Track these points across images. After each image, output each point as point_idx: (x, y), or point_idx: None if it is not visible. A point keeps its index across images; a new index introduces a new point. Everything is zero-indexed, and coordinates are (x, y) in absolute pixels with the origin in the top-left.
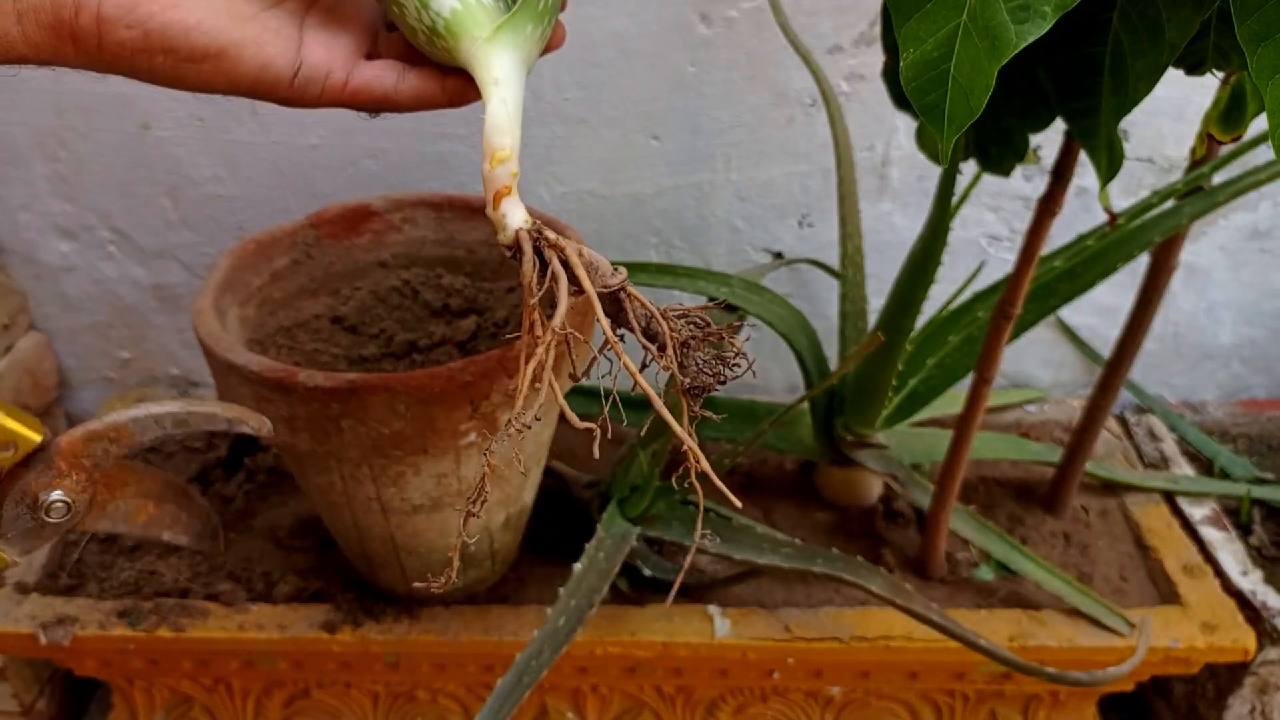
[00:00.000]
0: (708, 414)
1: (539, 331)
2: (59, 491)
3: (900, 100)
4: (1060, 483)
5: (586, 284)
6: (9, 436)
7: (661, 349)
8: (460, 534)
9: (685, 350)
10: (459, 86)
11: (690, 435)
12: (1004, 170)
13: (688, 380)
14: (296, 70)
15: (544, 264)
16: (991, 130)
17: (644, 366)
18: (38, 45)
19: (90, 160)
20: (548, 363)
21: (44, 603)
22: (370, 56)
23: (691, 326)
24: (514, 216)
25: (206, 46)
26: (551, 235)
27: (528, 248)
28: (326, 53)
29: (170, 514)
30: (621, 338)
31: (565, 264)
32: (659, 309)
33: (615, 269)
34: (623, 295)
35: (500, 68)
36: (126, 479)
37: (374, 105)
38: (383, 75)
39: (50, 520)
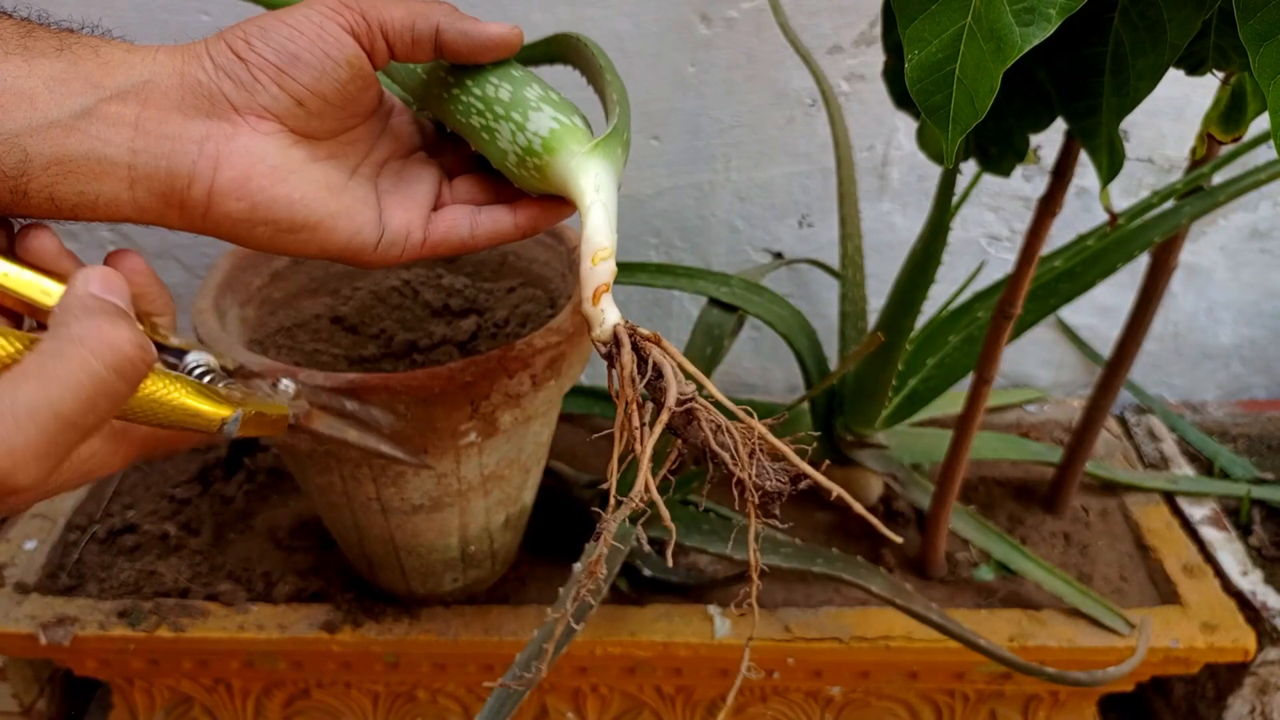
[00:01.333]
0: (774, 522)
1: (635, 422)
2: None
3: (901, 100)
4: (1060, 483)
5: (672, 390)
6: (198, 422)
7: (734, 458)
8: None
9: (753, 459)
10: (530, 217)
11: (756, 550)
12: (1004, 170)
13: (760, 489)
14: (380, 236)
15: (641, 358)
16: (992, 130)
17: (709, 478)
18: (144, 209)
19: None
20: (644, 457)
21: (44, 603)
22: (438, 204)
23: (749, 432)
24: (612, 313)
25: (306, 219)
26: (646, 331)
27: (627, 342)
28: (405, 215)
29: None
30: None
31: (659, 369)
32: (724, 420)
33: (684, 379)
34: (695, 406)
35: (600, 176)
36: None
37: (451, 253)
38: (457, 224)
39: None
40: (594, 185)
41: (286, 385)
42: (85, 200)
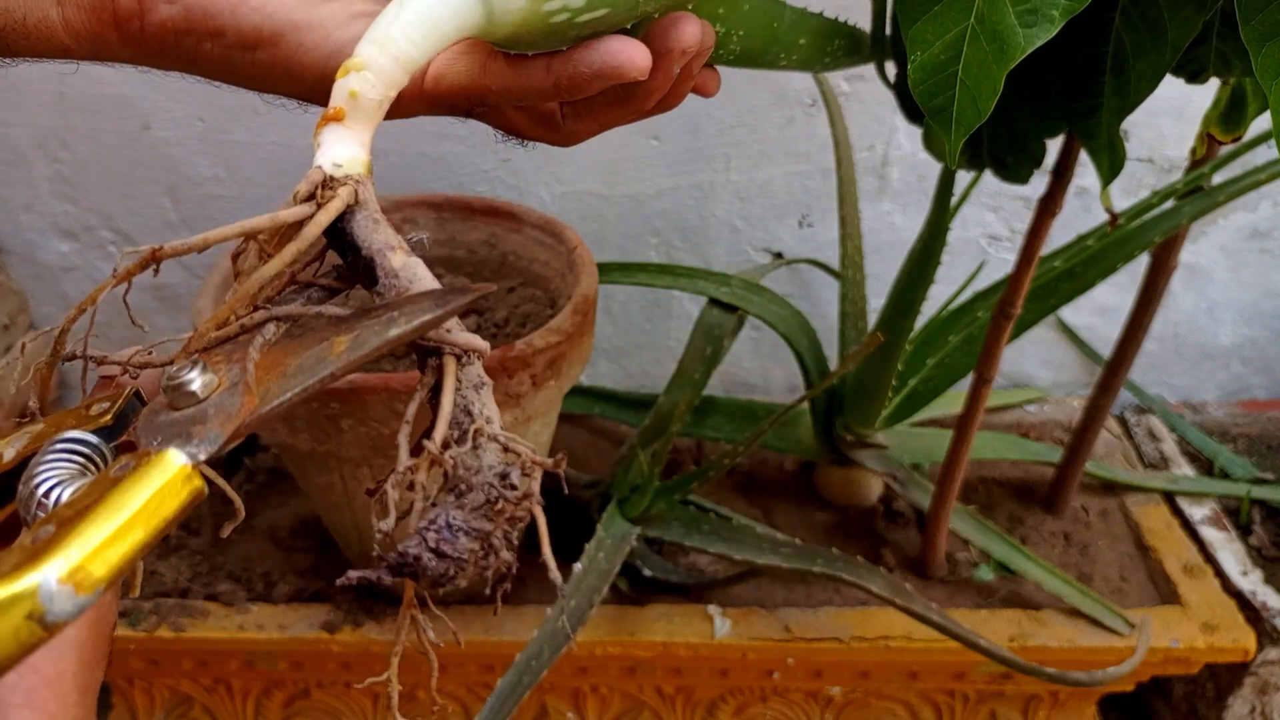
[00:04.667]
0: (438, 613)
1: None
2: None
3: (905, 101)
4: (1060, 483)
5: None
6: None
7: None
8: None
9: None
10: (575, 77)
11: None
12: (1022, 178)
13: (433, 536)
14: None
15: (343, 246)
16: (1006, 138)
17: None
18: (79, 32)
19: (91, 160)
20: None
21: None
22: None
23: (506, 480)
24: (332, 150)
25: (259, 28)
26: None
27: (323, 216)
28: None
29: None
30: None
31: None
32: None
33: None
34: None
35: None
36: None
37: (458, 91)
38: (468, 52)
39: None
40: None
41: (191, 377)
42: (13, 20)
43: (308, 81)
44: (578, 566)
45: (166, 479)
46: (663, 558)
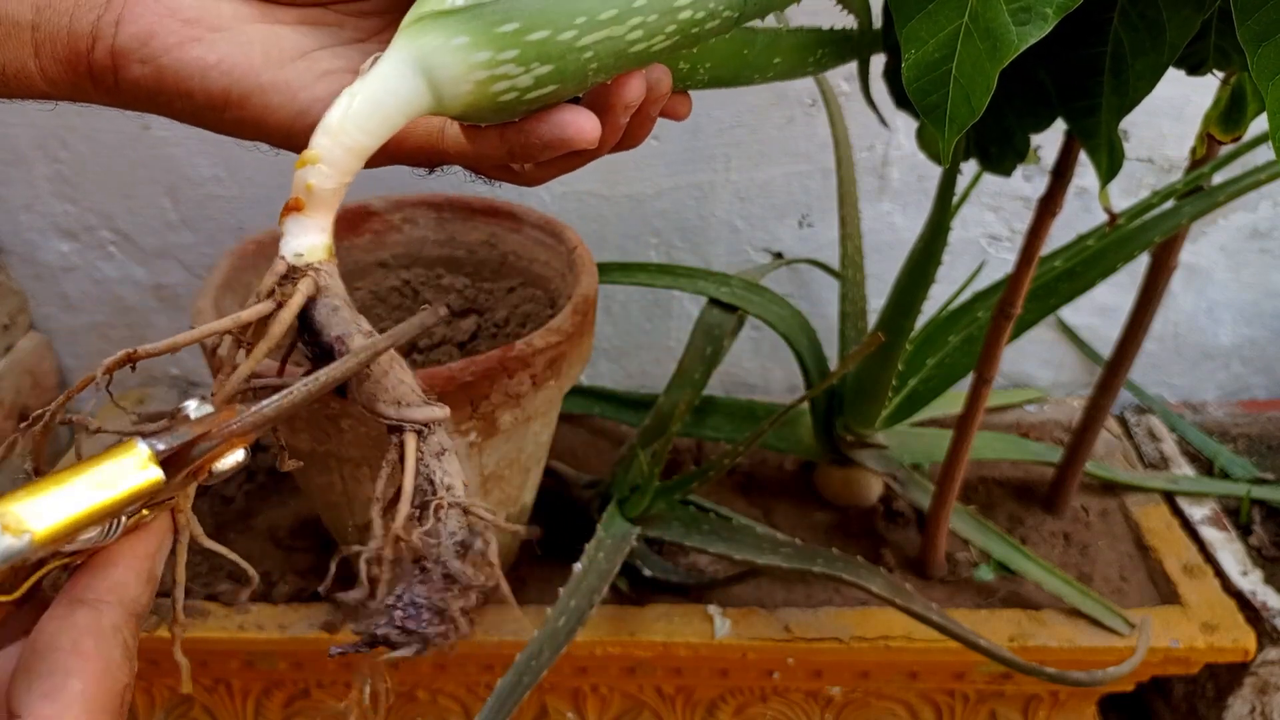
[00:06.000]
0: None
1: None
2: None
3: (901, 100)
4: (1060, 483)
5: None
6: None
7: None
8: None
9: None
10: (528, 146)
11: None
12: (1005, 170)
13: (399, 615)
14: None
15: (307, 332)
16: (993, 130)
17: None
18: (56, 81)
19: (91, 160)
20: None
21: None
22: None
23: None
24: (294, 240)
25: (227, 92)
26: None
27: (294, 301)
28: None
29: None
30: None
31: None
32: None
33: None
34: (423, 435)
35: (390, 57)
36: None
37: (424, 150)
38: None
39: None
40: (374, 61)
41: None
42: None
43: (275, 138)
44: (578, 566)
45: (123, 459)
46: (663, 558)
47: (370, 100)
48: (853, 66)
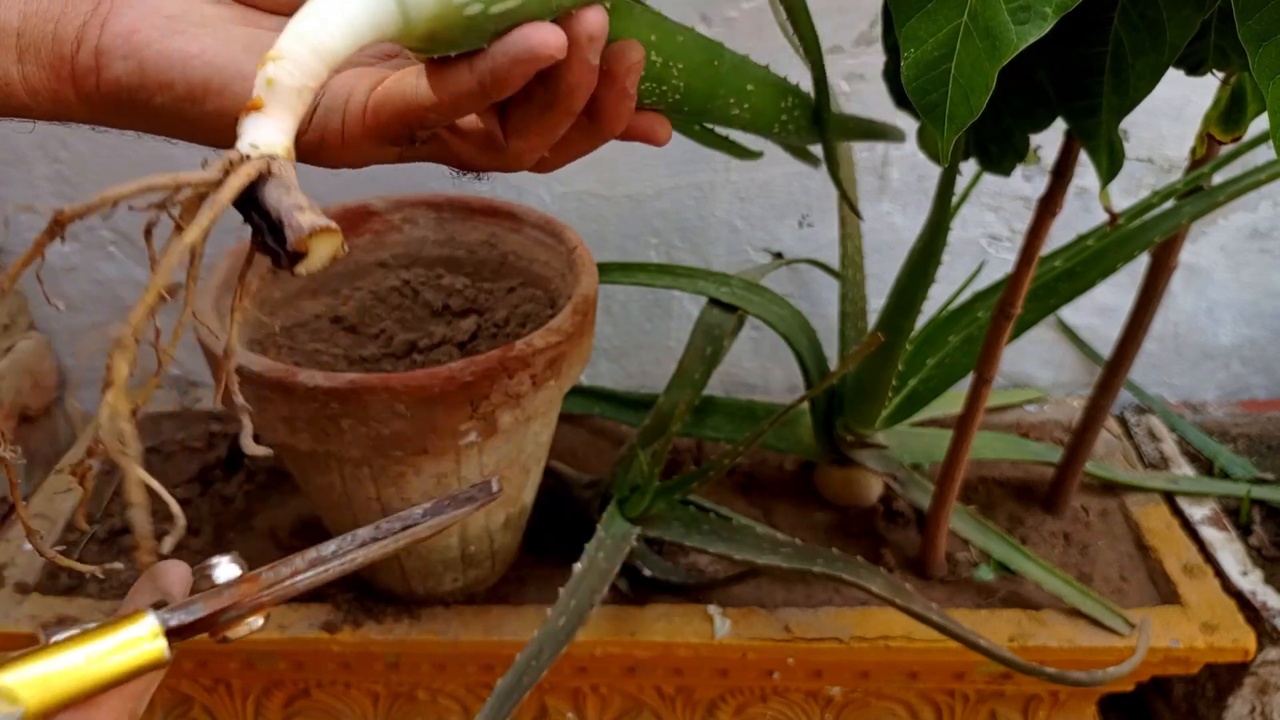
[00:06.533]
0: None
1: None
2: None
3: (900, 100)
4: (1060, 483)
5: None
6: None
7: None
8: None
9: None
10: (496, 69)
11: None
12: (1004, 170)
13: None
14: (316, 103)
15: (256, 214)
16: (992, 130)
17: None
18: (37, 90)
19: (91, 160)
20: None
21: (44, 603)
22: None
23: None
24: (250, 134)
25: (208, 79)
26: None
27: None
28: (347, 75)
29: None
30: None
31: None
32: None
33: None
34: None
35: None
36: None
37: (396, 119)
38: (403, 78)
39: None
40: None
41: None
42: None
43: None
44: (578, 566)
45: (131, 636)
46: (663, 558)
47: (339, 7)
48: (852, 66)
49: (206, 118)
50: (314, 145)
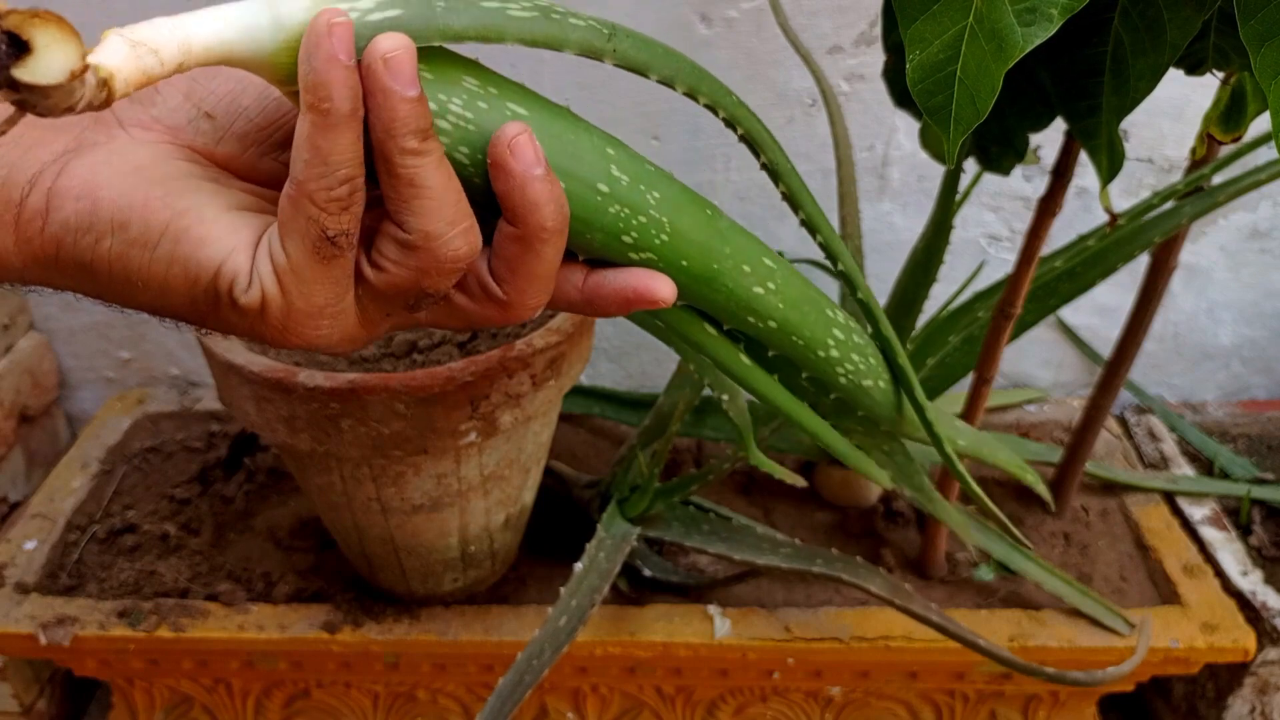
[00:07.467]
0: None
1: None
2: None
3: (901, 99)
4: (1060, 483)
5: None
6: None
7: None
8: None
9: None
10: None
11: None
12: (1004, 169)
13: None
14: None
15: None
16: (993, 130)
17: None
18: None
19: None
20: None
21: (44, 603)
22: None
23: None
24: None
25: (167, 223)
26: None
27: None
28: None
29: None
30: None
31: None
32: None
33: None
34: None
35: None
36: None
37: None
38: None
39: None
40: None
41: None
42: None
43: (201, 282)
44: (578, 566)
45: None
46: (663, 558)
47: (221, 12)
48: (852, 66)
49: (152, 267)
50: (241, 319)
